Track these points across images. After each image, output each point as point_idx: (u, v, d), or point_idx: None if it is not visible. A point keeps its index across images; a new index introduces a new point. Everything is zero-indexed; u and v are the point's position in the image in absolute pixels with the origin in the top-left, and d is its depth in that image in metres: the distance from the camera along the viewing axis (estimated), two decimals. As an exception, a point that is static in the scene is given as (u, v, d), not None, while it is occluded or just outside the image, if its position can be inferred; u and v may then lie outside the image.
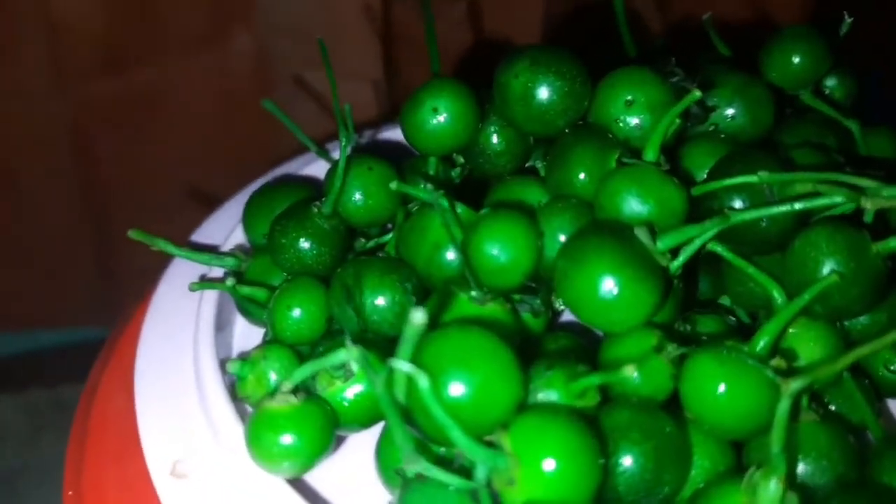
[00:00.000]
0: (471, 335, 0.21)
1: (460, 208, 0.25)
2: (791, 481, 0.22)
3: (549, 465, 0.19)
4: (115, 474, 0.25)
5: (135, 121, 0.59)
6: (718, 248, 0.26)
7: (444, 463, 0.21)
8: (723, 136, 0.29)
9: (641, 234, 0.23)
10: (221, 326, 0.29)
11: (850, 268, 0.24)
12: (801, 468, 0.23)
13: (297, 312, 0.26)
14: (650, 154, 0.25)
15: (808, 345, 0.25)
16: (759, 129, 0.29)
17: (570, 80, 0.27)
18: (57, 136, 0.59)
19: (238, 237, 0.31)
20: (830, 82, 0.33)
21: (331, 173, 0.28)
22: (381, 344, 0.25)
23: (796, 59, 0.29)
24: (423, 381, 0.19)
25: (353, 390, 0.23)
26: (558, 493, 0.19)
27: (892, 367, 0.28)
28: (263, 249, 0.29)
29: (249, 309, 0.28)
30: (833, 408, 0.26)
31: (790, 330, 0.25)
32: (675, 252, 0.24)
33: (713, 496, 0.22)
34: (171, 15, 0.57)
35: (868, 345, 0.21)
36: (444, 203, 0.24)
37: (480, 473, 0.21)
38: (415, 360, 0.20)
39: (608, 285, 0.23)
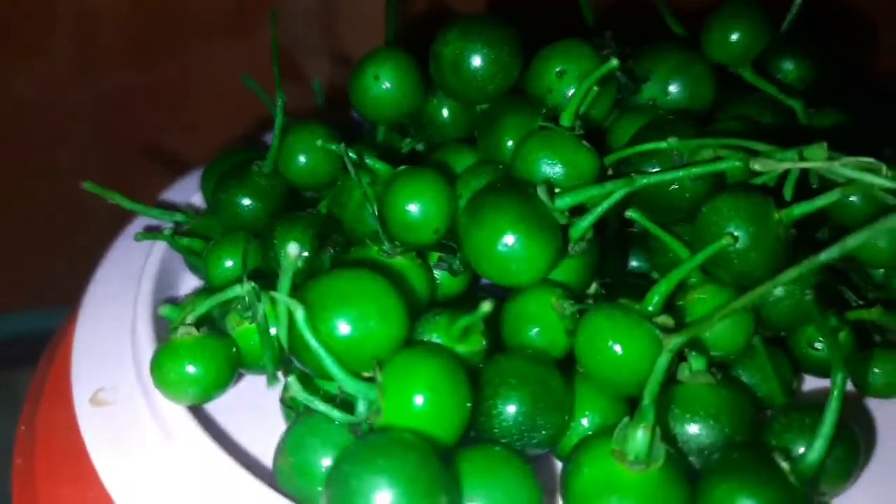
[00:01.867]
0: (354, 276, 0.22)
1: (380, 165, 0.26)
2: (665, 434, 0.23)
3: (411, 397, 0.20)
4: (55, 408, 0.27)
5: (161, 112, 0.62)
6: (636, 215, 0.27)
7: (329, 398, 0.22)
8: (660, 111, 0.29)
9: (541, 192, 0.24)
10: (170, 282, 0.30)
11: (750, 232, 0.24)
12: (690, 427, 0.23)
13: (228, 263, 0.28)
14: (566, 120, 0.26)
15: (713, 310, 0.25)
16: (698, 105, 0.30)
17: (497, 49, 0.28)
18: (83, 124, 0.62)
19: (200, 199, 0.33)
20: (787, 65, 0.33)
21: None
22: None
23: (735, 36, 0.30)
24: (299, 312, 0.21)
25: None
26: (419, 424, 0.20)
27: (815, 345, 0.28)
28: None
29: (194, 262, 0.30)
30: (745, 379, 0.26)
31: (698, 295, 0.25)
32: (580, 212, 0.25)
33: (590, 445, 0.22)
34: (199, 7, 0.59)
35: (743, 298, 0.21)
36: (352, 155, 0.25)
37: (361, 407, 0.22)
38: (303, 297, 0.22)
39: (504, 240, 0.23)
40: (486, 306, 0.20)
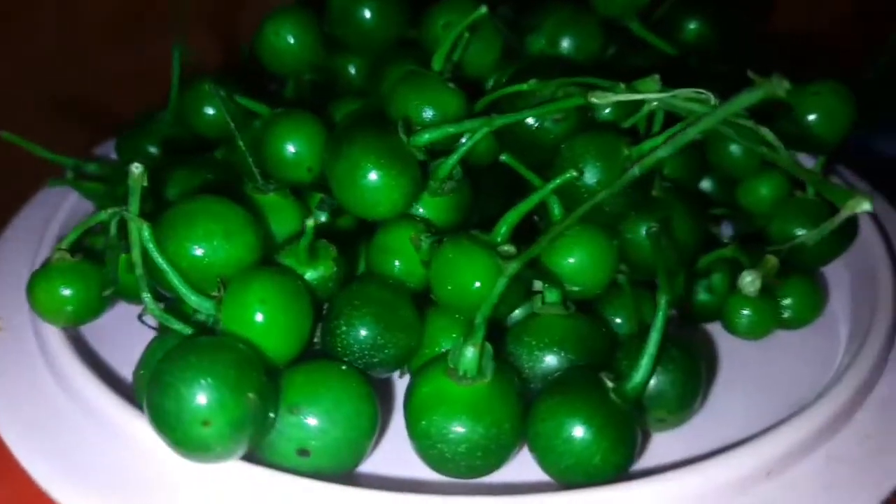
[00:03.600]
0: (204, 200, 0.23)
1: (261, 108, 0.28)
2: (516, 361, 0.24)
3: (244, 310, 0.21)
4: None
5: (143, 92, 0.64)
6: (508, 159, 0.28)
7: (184, 317, 0.23)
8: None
9: (399, 129, 0.25)
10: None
11: (598, 167, 0.25)
12: (536, 353, 0.24)
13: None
14: (436, 64, 0.27)
15: (577, 248, 0.26)
16: (585, 57, 0.31)
17: (382, 1, 0.29)
18: (66, 104, 0.64)
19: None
20: (692, 25, 0.34)
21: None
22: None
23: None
24: (145, 230, 0.22)
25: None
26: (252, 335, 0.21)
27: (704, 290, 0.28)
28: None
29: (99, 205, 0.31)
30: (610, 316, 0.27)
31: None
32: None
33: (429, 364, 0.23)
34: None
35: (566, 220, 0.22)
36: (222, 93, 0.26)
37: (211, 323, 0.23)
38: (158, 219, 0.23)
39: (358, 172, 0.24)
40: (310, 221, 0.22)
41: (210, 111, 0.31)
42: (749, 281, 0.23)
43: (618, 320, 0.27)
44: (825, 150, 0.29)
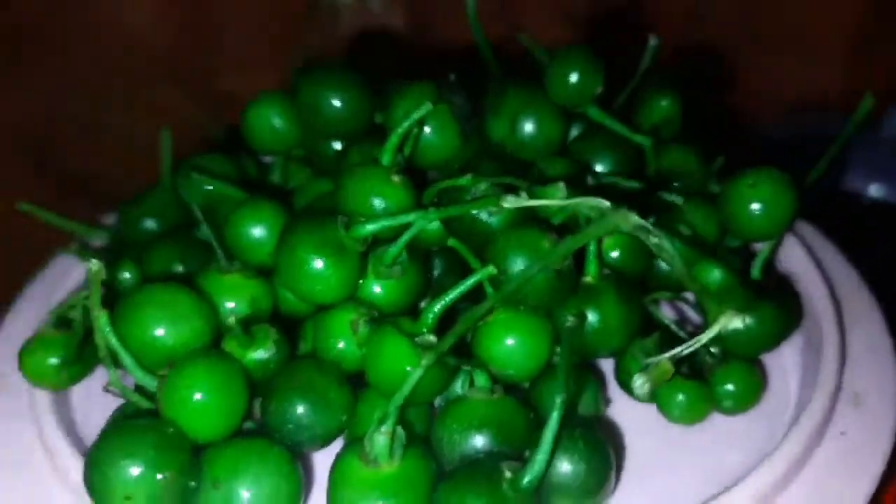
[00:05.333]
0: (153, 287, 0.26)
1: (236, 192, 0.31)
2: (439, 443, 0.25)
3: (178, 392, 0.24)
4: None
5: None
6: (452, 242, 0.29)
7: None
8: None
9: (339, 222, 0.27)
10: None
11: (517, 262, 0.26)
12: (455, 436, 0.26)
13: (126, 275, 0.32)
14: (385, 158, 0.29)
15: (510, 333, 0.27)
16: (547, 142, 0.32)
17: (346, 92, 0.32)
18: (131, 144, 0.69)
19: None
20: (664, 102, 0.34)
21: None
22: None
23: (574, 78, 0.31)
24: (102, 318, 0.25)
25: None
26: (185, 414, 0.24)
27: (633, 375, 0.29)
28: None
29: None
30: (546, 398, 0.28)
31: (491, 318, 0.28)
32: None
33: (349, 445, 0.25)
34: (233, 37, 0.65)
35: (470, 314, 0.24)
36: (193, 178, 0.29)
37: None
38: (118, 304, 0.26)
39: (299, 262, 0.27)
40: (231, 318, 0.24)
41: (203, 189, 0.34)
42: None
43: (546, 398, 0.28)
44: (770, 239, 0.29)
